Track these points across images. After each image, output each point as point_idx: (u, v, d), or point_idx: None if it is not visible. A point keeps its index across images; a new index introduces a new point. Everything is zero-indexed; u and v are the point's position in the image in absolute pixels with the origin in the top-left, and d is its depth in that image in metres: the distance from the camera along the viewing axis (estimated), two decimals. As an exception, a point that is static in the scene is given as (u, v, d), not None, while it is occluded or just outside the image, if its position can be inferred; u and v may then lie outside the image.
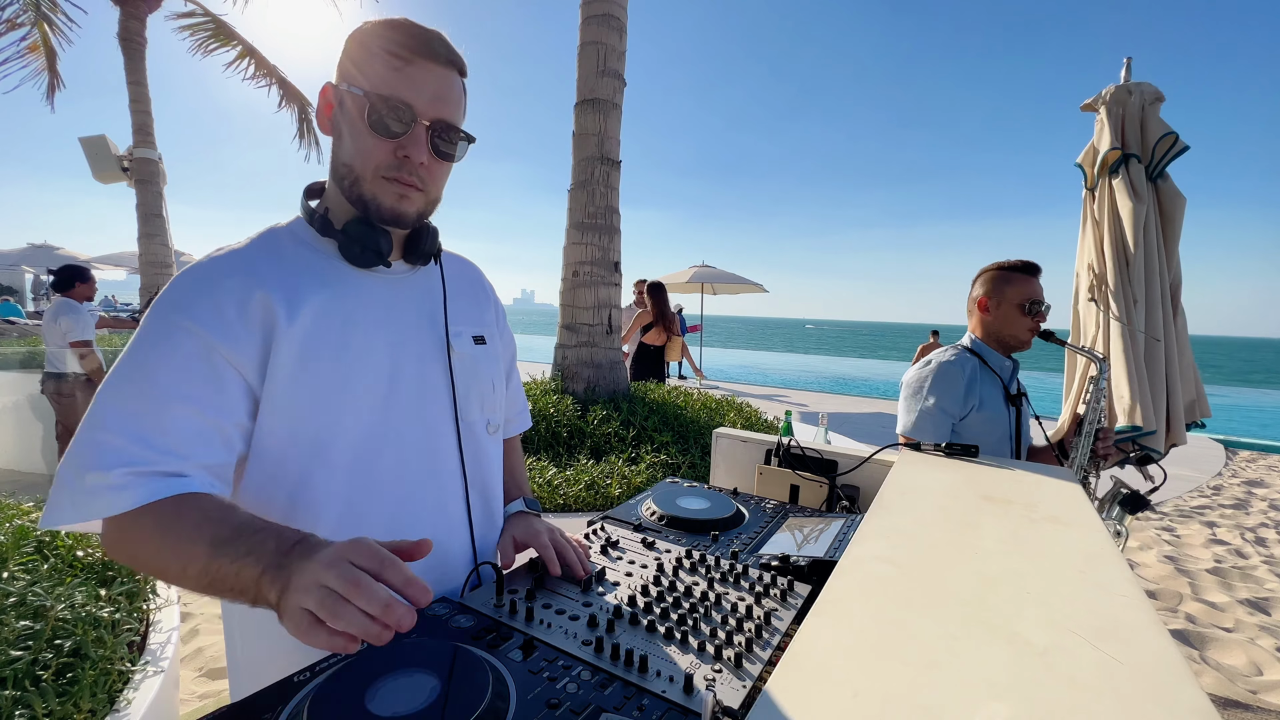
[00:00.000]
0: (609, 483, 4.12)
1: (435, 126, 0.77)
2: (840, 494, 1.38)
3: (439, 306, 0.91)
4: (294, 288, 0.76)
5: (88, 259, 12.60)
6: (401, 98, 0.75)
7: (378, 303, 0.84)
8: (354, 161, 0.78)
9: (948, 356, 1.79)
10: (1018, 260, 1.83)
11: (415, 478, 0.84)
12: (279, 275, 0.77)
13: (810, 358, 36.46)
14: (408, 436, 0.84)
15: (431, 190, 0.83)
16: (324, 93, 0.80)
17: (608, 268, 5.77)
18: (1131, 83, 2.45)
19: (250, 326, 0.72)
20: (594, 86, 5.65)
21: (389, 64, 0.75)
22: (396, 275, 0.88)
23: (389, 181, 0.78)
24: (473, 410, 0.92)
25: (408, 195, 0.79)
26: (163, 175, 7.22)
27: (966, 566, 0.76)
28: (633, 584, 0.86)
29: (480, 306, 1.01)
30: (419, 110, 0.76)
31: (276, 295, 0.74)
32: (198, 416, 0.69)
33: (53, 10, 6.89)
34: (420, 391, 0.85)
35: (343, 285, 0.81)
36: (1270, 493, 5.67)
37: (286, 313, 0.74)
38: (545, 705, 0.59)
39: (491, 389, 0.95)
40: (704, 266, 11.48)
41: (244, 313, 0.72)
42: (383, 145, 0.76)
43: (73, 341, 4.26)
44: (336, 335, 0.78)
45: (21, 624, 1.13)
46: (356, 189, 0.79)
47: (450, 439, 0.89)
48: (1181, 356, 2.42)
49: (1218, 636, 2.83)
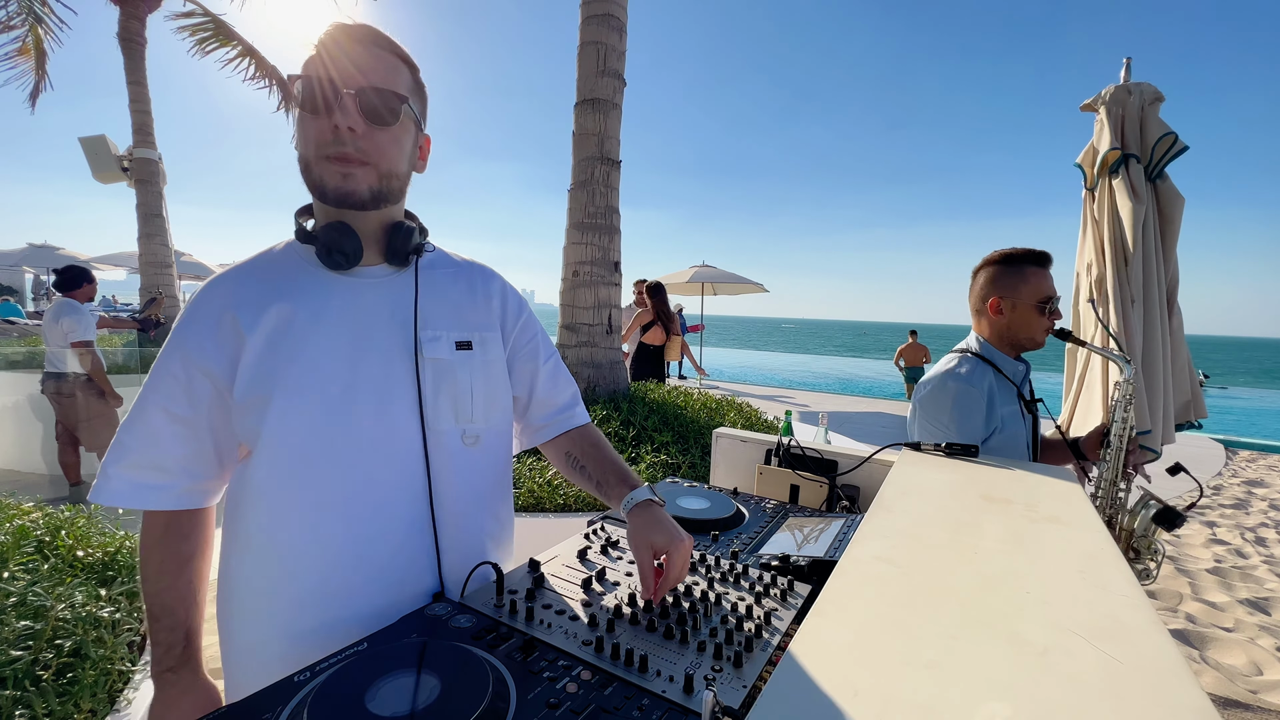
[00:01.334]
0: (609, 483, 4.11)
1: (363, 93, 0.79)
2: (840, 494, 1.38)
3: (418, 308, 0.89)
4: (260, 300, 0.82)
5: (88, 259, 12.59)
6: (327, 74, 0.78)
7: (345, 305, 0.85)
8: (302, 149, 0.82)
9: (963, 376, 1.57)
10: (1025, 249, 1.60)
11: (367, 482, 0.83)
12: (253, 291, 0.83)
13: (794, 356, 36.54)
14: (364, 440, 0.82)
15: (379, 163, 0.82)
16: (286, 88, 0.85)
17: (608, 268, 5.77)
18: (1131, 83, 2.45)
19: (221, 344, 0.82)
20: (594, 86, 5.65)
21: (321, 50, 0.80)
22: (374, 278, 0.88)
23: (331, 161, 0.79)
24: (444, 419, 0.88)
25: (351, 173, 0.80)
26: (163, 175, 7.22)
27: (966, 566, 0.76)
28: (633, 583, 0.87)
29: (476, 310, 0.96)
30: (343, 79, 0.78)
31: (241, 311, 0.82)
32: (171, 420, 0.82)
33: (45, 11, 6.88)
34: (381, 395, 0.84)
35: (314, 290, 0.85)
36: (1270, 493, 5.67)
37: (248, 325, 0.81)
38: (545, 705, 0.59)
39: (470, 397, 0.90)
40: (704, 266, 11.48)
41: (216, 333, 0.82)
42: (316, 122, 0.79)
43: (74, 341, 4.26)
44: (295, 337, 0.81)
45: (22, 624, 1.13)
46: (309, 176, 0.82)
47: (415, 446, 0.86)
48: (1177, 357, 2.42)
49: (1218, 636, 2.83)
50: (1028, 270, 1.59)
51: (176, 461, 0.82)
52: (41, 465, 5.00)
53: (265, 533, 0.81)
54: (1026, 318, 1.59)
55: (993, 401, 1.55)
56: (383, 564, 0.83)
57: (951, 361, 1.64)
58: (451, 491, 0.89)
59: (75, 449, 4.53)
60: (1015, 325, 1.61)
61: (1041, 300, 1.58)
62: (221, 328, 0.81)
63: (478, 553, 0.93)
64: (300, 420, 0.80)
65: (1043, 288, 1.59)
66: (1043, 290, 1.58)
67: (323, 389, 0.81)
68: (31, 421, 5.02)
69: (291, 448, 0.80)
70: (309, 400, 0.80)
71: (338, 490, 0.81)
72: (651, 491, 0.90)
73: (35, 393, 4.56)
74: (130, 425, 0.81)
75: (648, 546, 0.80)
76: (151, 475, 0.81)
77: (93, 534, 1.57)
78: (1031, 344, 1.63)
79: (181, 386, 0.81)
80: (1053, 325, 1.62)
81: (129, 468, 0.80)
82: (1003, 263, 1.63)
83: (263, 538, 0.82)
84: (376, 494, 0.83)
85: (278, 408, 0.79)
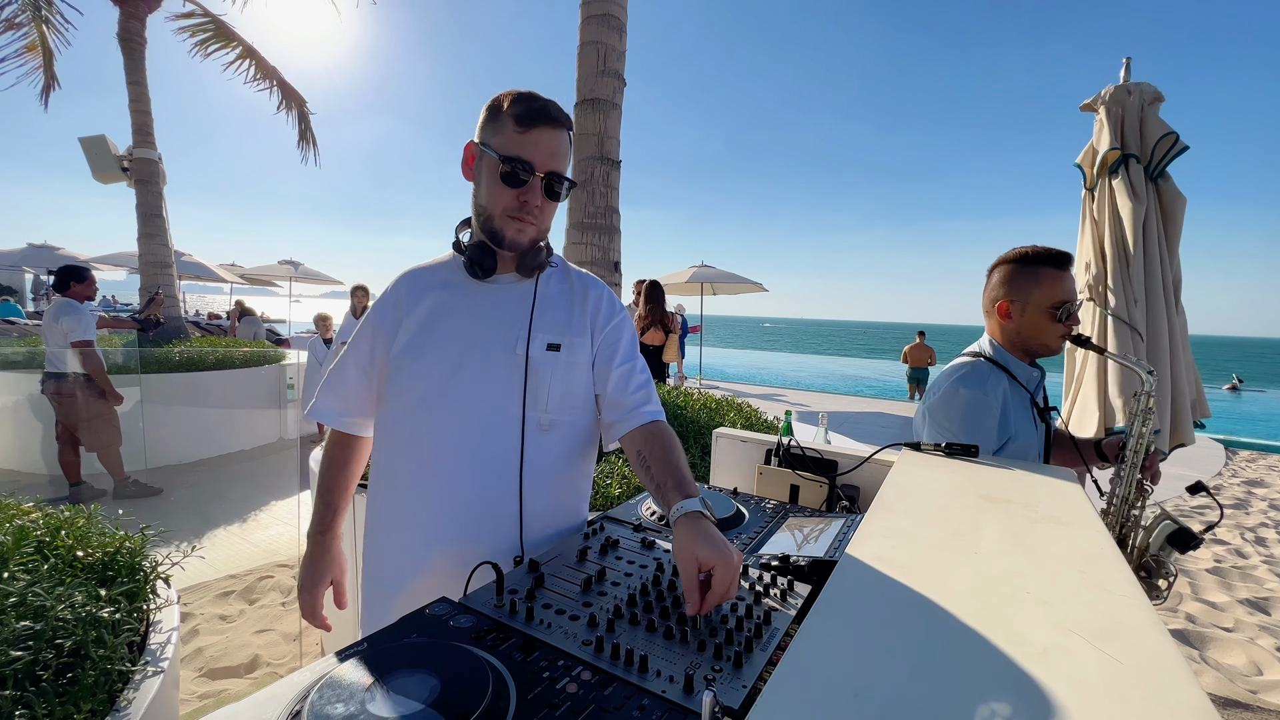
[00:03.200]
0: (609, 483, 4.11)
1: (548, 177, 1.02)
2: (840, 494, 1.38)
3: (528, 313, 1.08)
4: (420, 292, 1.10)
5: (88, 259, 12.58)
6: (524, 157, 0.99)
7: (473, 305, 1.08)
8: (488, 204, 1.04)
9: (975, 383, 1.48)
10: (1042, 248, 1.49)
11: (467, 459, 1.03)
12: (419, 285, 1.11)
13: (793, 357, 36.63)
14: (464, 416, 1.04)
15: (542, 223, 1.07)
16: (467, 148, 1.06)
17: (608, 268, 5.77)
18: (1131, 83, 2.45)
19: (395, 319, 1.11)
20: (594, 86, 5.64)
21: (516, 131, 0.99)
22: (503, 285, 1.11)
23: (512, 219, 1.03)
24: (530, 408, 1.05)
25: (524, 229, 1.04)
26: (163, 175, 7.20)
27: (966, 566, 0.76)
28: (633, 584, 0.87)
29: (571, 316, 1.12)
30: (536, 166, 1.00)
31: (405, 299, 1.10)
32: (356, 367, 1.14)
33: (49, 10, 6.88)
34: (479, 385, 1.04)
35: (455, 290, 1.09)
36: (1270, 493, 5.67)
37: (409, 308, 1.09)
38: (545, 705, 0.59)
39: (547, 392, 1.07)
40: (704, 266, 11.47)
41: (393, 312, 1.11)
42: (509, 193, 1.01)
43: (74, 341, 4.26)
44: (429, 327, 1.07)
45: (21, 624, 1.13)
46: (489, 224, 1.05)
47: (511, 432, 1.04)
48: (1184, 356, 2.42)
49: (1218, 636, 2.83)
50: (1042, 272, 1.49)
51: (354, 399, 1.15)
52: (41, 465, 5.00)
53: (389, 460, 1.09)
54: (1037, 322, 1.49)
55: (1006, 411, 1.46)
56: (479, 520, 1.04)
57: (963, 368, 1.53)
58: (533, 469, 1.05)
59: (75, 449, 4.53)
60: (1025, 330, 1.51)
61: (1055, 305, 1.47)
62: (397, 308, 1.11)
63: (541, 538, 1.09)
64: (423, 382, 1.05)
65: (1057, 291, 1.48)
66: (1057, 294, 1.47)
67: (435, 367, 1.05)
68: (31, 421, 5.02)
69: (416, 397, 1.05)
70: (431, 367, 1.05)
71: (443, 441, 1.04)
72: (703, 504, 0.88)
73: (35, 393, 4.55)
74: (337, 368, 1.15)
75: (692, 560, 0.78)
76: (338, 404, 1.16)
77: (93, 534, 1.57)
78: (1044, 350, 1.54)
79: (368, 345, 1.12)
80: (1069, 331, 1.51)
81: (329, 398, 1.15)
82: (1017, 262, 1.53)
83: (386, 464, 1.10)
84: (472, 471, 1.04)
85: (410, 369, 1.06)
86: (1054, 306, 1.47)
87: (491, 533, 1.04)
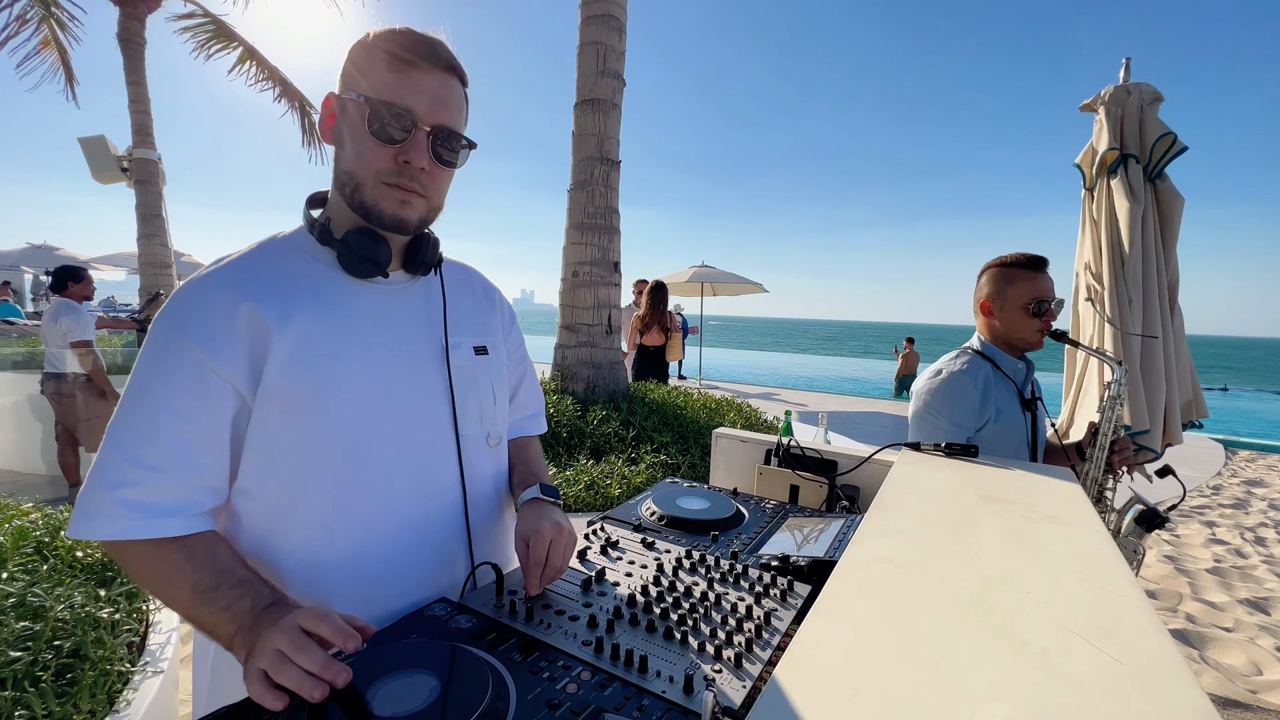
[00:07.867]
0: (609, 483, 4.12)
1: (436, 132, 0.77)
2: (840, 494, 1.38)
3: (439, 316, 0.91)
4: (286, 297, 0.77)
5: (87, 259, 12.59)
6: (403, 103, 0.75)
7: (375, 313, 0.84)
8: (355, 168, 0.78)
9: (959, 365, 1.67)
10: (1020, 254, 1.70)
11: (408, 486, 0.84)
12: (272, 285, 0.77)
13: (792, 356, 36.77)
14: (401, 445, 0.83)
15: (433, 197, 0.82)
16: (326, 102, 0.81)
17: (607, 268, 5.77)
18: (1130, 83, 2.45)
19: (237, 338, 0.73)
20: (594, 86, 5.65)
21: (390, 69, 0.75)
22: (395, 285, 0.87)
23: (390, 187, 0.78)
24: (470, 422, 0.91)
25: (409, 201, 0.79)
26: (162, 176, 7.21)
27: (966, 566, 0.76)
28: (633, 584, 0.87)
29: (484, 315, 0.99)
30: (420, 115, 0.76)
31: (266, 304, 0.75)
32: (185, 428, 0.71)
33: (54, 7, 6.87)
34: (415, 402, 0.85)
35: (339, 295, 0.81)
36: (1270, 492, 5.67)
37: (277, 321, 0.75)
38: (545, 705, 0.59)
39: (492, 401, 0.94)
40: (704, 266, 11.47)
41: (231, 325, 0.73)
42: (384, 151, 0.76)
43: (73, 341, 4.26)
44: (329, 344, 0.78)
45: (21, 624, 1.13)
46: (358, 195, 0.79)
47: (448, 449, 0.88)
48: (1179, 356, 2.42)
49: (1218, 636, 2.83)
50: (1018, 273, 1.68)
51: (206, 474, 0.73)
52: (41, 465, 4.99)
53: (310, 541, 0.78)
54: (1015, 318, 1.67)
55: (987, 391, 1.62)
56: (424, 561, 0.86)
57: (949, 356, 1.73)
58: (479, 490, 0.93)
59: (75, 449, 4.53)
60: (1006, 326, 1.69)
61: (1028, 302, 1.64)
62: (237, 320, 0.73)
63: (504, 549, 1.00)
64: (347, 426, 0.78)
65: (1032, 289, 1.65)
66: (1031, 293, 1.65)
67: (365, 396, 0.80)
68: (31, 421, 5.02)
69: (338, 453, 0.78)
70: (353, 407, 0.78)
71: (378, 495, 0.81)
72: (541, 490, 0.95)
73: (35, 393, 4.55)
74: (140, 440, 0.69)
75: (522, 539, 0.84)
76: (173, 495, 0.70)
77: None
78: (1025, 344, 1.69)
79: (202, 397, 0.72)
80: (1047, 326, 1.66)
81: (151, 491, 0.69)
82: (997, 266, 1.73)
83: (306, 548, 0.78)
84: (414, 499, 0.85)
85: (324, 415, 0.76)
86: (1028, 303, 1.65)
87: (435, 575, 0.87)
